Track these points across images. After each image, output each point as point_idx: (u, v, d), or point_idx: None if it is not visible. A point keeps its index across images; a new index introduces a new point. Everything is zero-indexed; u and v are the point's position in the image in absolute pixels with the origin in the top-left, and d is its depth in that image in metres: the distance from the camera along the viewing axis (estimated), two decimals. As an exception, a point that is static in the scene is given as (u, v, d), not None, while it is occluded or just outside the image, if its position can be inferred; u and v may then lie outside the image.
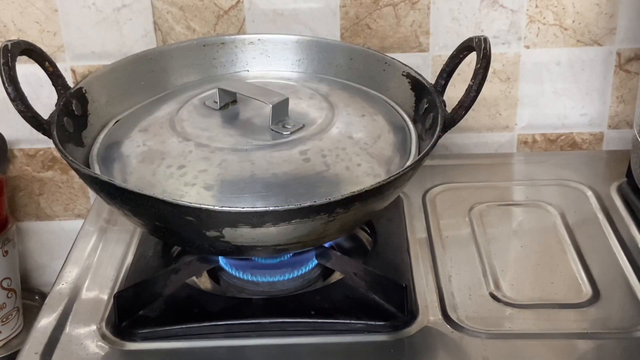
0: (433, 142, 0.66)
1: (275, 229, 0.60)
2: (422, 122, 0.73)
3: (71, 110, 0.72)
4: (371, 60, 0.80)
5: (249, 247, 0.63)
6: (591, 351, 0.65)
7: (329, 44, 0.83)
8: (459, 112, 0.68)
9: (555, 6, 0.91)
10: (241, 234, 0.60)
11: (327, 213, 0.60)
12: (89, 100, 0.75)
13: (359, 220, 0.68)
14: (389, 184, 0.62)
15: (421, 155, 0.66)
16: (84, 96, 0.74)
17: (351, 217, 0.63)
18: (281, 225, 0.60)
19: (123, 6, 0.91)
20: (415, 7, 0.91)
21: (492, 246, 0.77)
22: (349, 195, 0.60)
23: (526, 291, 0.71)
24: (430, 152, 0.66)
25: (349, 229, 0.71)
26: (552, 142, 0.98)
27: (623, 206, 0.83)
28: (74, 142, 0.71)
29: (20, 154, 0.99)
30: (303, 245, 0.65)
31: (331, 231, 0.64)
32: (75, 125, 0.72)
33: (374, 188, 0.61)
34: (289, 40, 0.83)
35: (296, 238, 0.62)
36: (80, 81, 0.76)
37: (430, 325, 0.67)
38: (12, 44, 0.67)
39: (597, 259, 0.75)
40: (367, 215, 0.69)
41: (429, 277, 0.73)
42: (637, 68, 0.94)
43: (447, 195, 0.86)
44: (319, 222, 0.61)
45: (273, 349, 0.65)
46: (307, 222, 0.60)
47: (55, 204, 1.02)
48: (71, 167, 0.64)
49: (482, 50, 0.67)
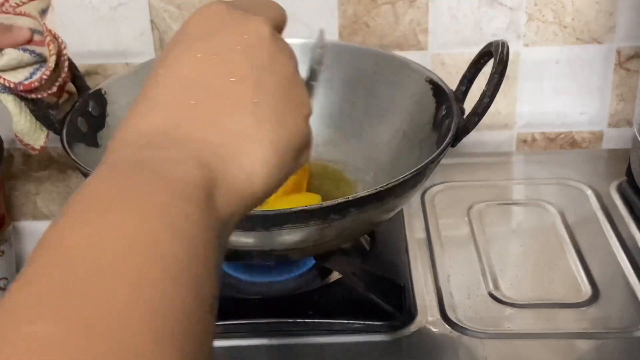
0: (440, 150, 0.65)
1: (269, 233, 0.59)
2: (439, 129, 0.72)
3: (87, 111, 0.72)
4: (395, 65, 0.79)
5: (244, 252, 0.63)
6: (591, 351, 0.65)
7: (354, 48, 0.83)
8: (472, 119, 0.66)
9: (554, 4, 0.91)
10: (235, 236, 0.60)
11: (321, 219, 0.59)
12: (108, 102, 0.75)
13: (360, 229, 0.67)
14: (388, 190, 0.61)
15: (423, 164, 0.63)
16: (104, 97, 0.75)
17: (349, 224, 0.61)
18: (273, 230, 0.59)
19: (120, 5, 0.90)
20: (413, 5, 0.90)
21: (491, 245, 0.77)
22: (342, 201, 0.59)
23: (525, 291, 0.71)
24: (438, 161, 0.65)
25: (349, 237, 0.70)
26: (552, 141, 0.98)
27: (623, 205, 0.82)
28: (86, 142, 0.71)
29: (17, 154, 0.98)
30: (302, 252, 0.65)
31: (329, 238, 0.62)
32: (91, 125, 0.72)
33: (370, 195, 0.60)
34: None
35: (292, 244, 0.61)
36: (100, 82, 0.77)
37: (429, 325, 0.66)
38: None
39: (596, 258, 0.74)
40: (369, 224, 0.67)
41: (428, 276, 0.72)
42: (636, 66, 0.94)
43: (446, 195, 0.86)
44: (313, 228, 0.60)
45: (271, 349, 0.65)
46: (301, 228, 0.59)
47: (52, 204, 1.02)
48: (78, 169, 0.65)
49: (499, 55, 0.66)
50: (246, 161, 0.36)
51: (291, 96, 0.39)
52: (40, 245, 0.29)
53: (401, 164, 0.72)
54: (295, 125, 0.38)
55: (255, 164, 0.36)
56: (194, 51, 0.38)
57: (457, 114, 0.68)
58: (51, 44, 0.67)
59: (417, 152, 0.73)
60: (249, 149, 0.36)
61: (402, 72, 0.78)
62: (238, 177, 0.35)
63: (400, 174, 0.61)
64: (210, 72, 0.37)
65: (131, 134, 0.36)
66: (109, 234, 0.29)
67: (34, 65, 0.68)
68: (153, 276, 0.28)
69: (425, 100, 0.75)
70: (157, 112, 0.36)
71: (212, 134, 0.36)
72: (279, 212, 0.58)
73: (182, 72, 0.37)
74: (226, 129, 0.36)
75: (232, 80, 0.37)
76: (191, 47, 0.38)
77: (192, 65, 0.37)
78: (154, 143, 0.35)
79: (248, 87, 0.37)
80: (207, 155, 0.35)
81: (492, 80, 0.65)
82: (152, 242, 0.29)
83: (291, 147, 0.38)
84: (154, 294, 0.28)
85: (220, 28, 0.39)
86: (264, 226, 0.58)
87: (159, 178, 0.32)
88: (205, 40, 0.38)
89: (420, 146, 0.74)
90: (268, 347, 0.65)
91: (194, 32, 0.39)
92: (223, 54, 0.38)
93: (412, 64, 0.78)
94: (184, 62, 0.38)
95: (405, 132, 0.77)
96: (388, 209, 0.64)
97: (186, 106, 0.36)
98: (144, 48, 0.92)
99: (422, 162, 0.63)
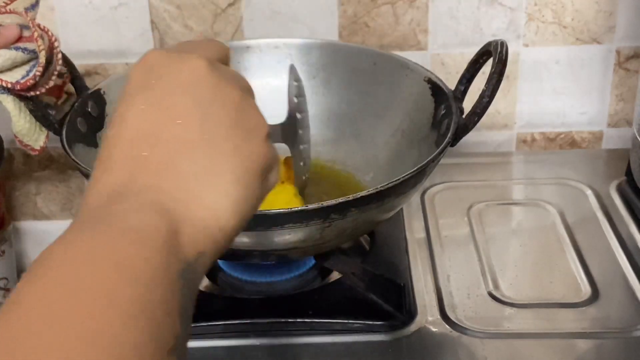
0: (440, 149, 0.65)
1: (269, 233, 0.59)
2: (438, 129, 0.72)
3: (86, 111, 0.72)
4: (394, 65, 0.79)
5: (244, 252, 0.63)
6: (590, 351, 0.65)
7: (353, 47, 0.83)
8: (472, 119, 0.66)
9: (554, 4, 0.91)
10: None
11: (322, 219, 0.59)
12: (107, 102, 0.75)
13: (360, 228, 0.67)
14: (389, 190, 0.61)
15: (423, 163, 0.63)
16: (102, 97, 0.75)
17: (350, 224, 0.61)
18: (274, 229, 0.59)
19: (120, 4, 0.90)
20: (413, 5, 0.90)
21: (491, 245, 0.77)
22: (343, 201, 0.59)
23: (525, 291, 0.71)
24: (438, 160, 0.65)
25: (349, 237, 0.70)
26: (552, 141, 0.98)
27: (622, 205, 0.82)
28: (86, 143, 0.71)
29: (17, 153, 0.98)
30: (303, 252, 0.65)
31: (329, 238, 0.62)
32: (90, 125, 0.72)
33: (371, 194, 0.60)
34: (313, 45, 0.83)
35: (292, 244, 0.61)
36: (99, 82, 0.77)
37: (429, 325, 0.66)
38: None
39: (596, 258, 0.74)
40: (369, 224, 0.67)
41: (428, 276, 0.72)
42: (636, 66, 0.94)
43: (445, 195, 0.86)
44: (314, 227, 0.60)
45: (271, 349, 0.65)
46: (302, 227, 0.59)
47: (52, 204, 1.02)
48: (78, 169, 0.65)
49: (498, 55, 0.66)
50: (208, 198, 0.36)
51: (242, 122, 0.38)
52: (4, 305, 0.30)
53: (400, 164, 0.72)
54: (253, 149, 0.38)
55: (217, 198, 0.36)
56: (137, 104, 0.38)
57: (457, 114, 0.68)
58: (39, 39, 0.68)
59: (416, 151, 0.73)
60: (207, 186, 0.36)
61: (400, 72, 0.78)
62: (202, 216, 0.35)
63: (400, 173, 0.61)
64: (155, 121, 0.37)
65: (92, 197, 0.36)
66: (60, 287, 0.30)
67: (29, 63, 0.69)
68: (104, 322, 0.29)
69: (424, 100, 0.75)
70: (113, 172, 0.37)
71: (167, 179, 0.36)
72: (280, 212, 0.58)
73: (128, 128, 0.37)
74: (181, 172, 0.36)
75: (179, 122, 0.37)
76: (134, 101, 0.38)
77: (137, 118, 0.38)
78: (112, 200, 0.35)
79: (194, 126, 0.37)
80: (165, 200, 0.35)
81: (492, 79, 0.65)
82: (106, 289, 0.30)
83: (253, 173, 0.38)
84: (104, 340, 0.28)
85: (159, 74, 0.39)
86: (264, 226, 0.59)
87: (116, 229, 0.33)
88: (145, 91, 0.38)
89: (419, 146, 0.74)
90: (268, 347, 0.65)
91: (135, 85, 0.39)
92: (164, 100, 0.38)
93: (410, 64, 0.78)
94: (129, 118, 0.38)
95: (404, 131, 0.77)
96: (388, 208, 0.64)
97: (139, 159, 0.37)
98: (144, 48, 0.92)
99: (421, 161, 0.63)
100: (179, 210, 0.35)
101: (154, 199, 0.35)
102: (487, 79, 0.65)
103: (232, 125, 0.38)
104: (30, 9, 0.71)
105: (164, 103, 0.38)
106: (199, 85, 0.38)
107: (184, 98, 0.38)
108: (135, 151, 0.37)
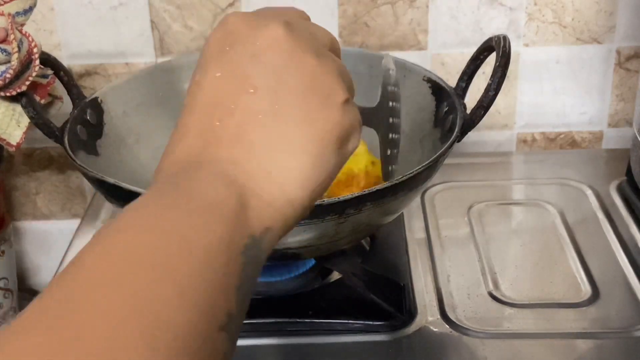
0: (450, 143, 0.65)
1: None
2: (441, 126, 0.72)
3: (85, 119, 0.73)
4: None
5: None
6: (590, 351, 0.65)
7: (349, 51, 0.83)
8: (478, 113, 0.67)
9: (554, 4, 0.91)
10: None
11: (338, 214, 0.59)
12: (104, 110, 0.75)
13: (373, 223, 0.66)
14: (403, 183, 0.60)
15: (435, 156, 0.64)
16: (100, 106, 0.75)
17: (364, 219, 0.61)
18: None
19: (120, 4, 0.90)
20: (413, 5, 0.90)
21: (491, 245, 0.77)
22: (359, 195, 0.58)
23: (525, 291, 0.71)
24: (447, 154, 0.65)
25: (363, 232, 0.69)
26: (552, 141, 0.98)
27: (623, 205, 0.82)
28: (86, 150, 0.71)
29: (17, 153, 0.98)
30: (316, 250, 0.64)
31: (344, 234, 0.62)
32: (89, 133, 0.73)
33: (385, 188, 0.59)
34: None
35: (307, 241, 0.61)
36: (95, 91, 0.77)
37: (429, 325, 0.66)
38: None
39: (596, 258, 0.74)
40: (381, 218, 0.67)
41: (428, 276, 0.72)
42: (636, 66, 0.94)
43: (446, 195, 0.86)
44: (329, 223, 0.59)
45: (271, 349, 0.65)
46: (317, 223, 0.59)
47: (52, 204, 1.02)
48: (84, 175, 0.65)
49: (502, 49, 0.66)
50: (276, 171, 0.36)
51: (317, 88, 0.38)
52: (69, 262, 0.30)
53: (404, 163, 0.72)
54: (328, 117, 0.37)
55: (286, 171, 0.36)
56: (212, 71, 0.38)
57: (461, 109, 0.69)
58: (14, 42, 0.69)
59: (418, 150, 0.73)
60: (276, 158, 0.36)
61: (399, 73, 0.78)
62: (270, 189, 0.35)
63: (403, 172, 0.61)
64: (228, 90, 0.37)
65: (166, 162, 0.37)
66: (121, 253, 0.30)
67: (5, 64, 0.70)
68: (155, 291, 0.29)
69: (424, 99, 0.75)
70: (187, 139, 0.37)
71: (238, 151, 0.36)
72: None
73: (203, 95, 0.38)
74: (251, 144, 0.36)
75: (251, 92, 0.37)
76: (209, 68, 0.38)
77: (212, 86, 0.38)
78: (185, 168, 0.36)
79: (265, 96, 0.37)
80: (235, 172, 0.35)
81: (497, 73, 0.65)
82: (163, 257, 0.30)
83: (327, 142, 0.37)
84: (153, 309, 0.28)
85: (235, 41, 0.38)
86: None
87: (186, 199, 0.33)
88: (220, 57, 0.38)
89: (421, 144, 0.74)
90: (268, 347, 0.65)
91: (212, 51, 0.39)
92: (238, 69, 0.38)
93: (408, 64, 0.78)
94: (204, 85, 0.38)
95: (405, 131, 0.77)
96: (400, 203, 0.65)
97: (211, 128, 0.37)
98: (144, 48, 0.92)
99: (424, 160, 0.63)
100: (248, 183, 0.35)
101: (224, 170, 0.35)
102: (491, 73, 0.66)
103: (305, 93, 0.37)
104: (22, 13, 0.72)
105: (238, 71, 0.38)
106: (273, 53, 0.38)
107: (257, 67, 0.37)
108: (209, 120, 0.37)
